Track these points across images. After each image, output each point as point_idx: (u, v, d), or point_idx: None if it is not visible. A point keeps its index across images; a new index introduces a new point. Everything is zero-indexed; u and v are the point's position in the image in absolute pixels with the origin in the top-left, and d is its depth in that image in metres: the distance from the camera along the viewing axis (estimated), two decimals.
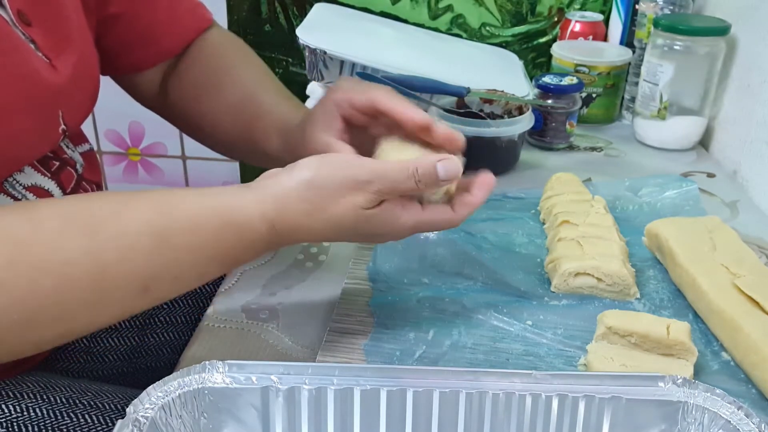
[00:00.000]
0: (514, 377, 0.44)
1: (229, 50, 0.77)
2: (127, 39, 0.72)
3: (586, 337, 0.60)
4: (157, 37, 0.74)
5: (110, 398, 0.65)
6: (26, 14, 0.55)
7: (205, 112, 0.75)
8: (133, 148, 1.54)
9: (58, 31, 0.59)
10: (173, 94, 0.77)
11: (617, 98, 1.11)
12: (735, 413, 0.42)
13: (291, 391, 0.44)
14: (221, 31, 0.80)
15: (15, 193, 0.58)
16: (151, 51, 0.74)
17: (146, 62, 0.75)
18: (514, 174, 0.94)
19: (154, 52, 0.75)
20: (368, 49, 1.03)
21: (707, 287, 0.62)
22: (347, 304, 0.65)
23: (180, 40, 0.75)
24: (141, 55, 0.74)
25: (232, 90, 0.73)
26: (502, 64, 1.17)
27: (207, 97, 0.74)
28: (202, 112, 0.75)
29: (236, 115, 0.73)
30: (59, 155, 0.63)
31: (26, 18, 0.55)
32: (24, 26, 0.55)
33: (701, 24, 0.98)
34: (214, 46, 0.77)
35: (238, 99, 0.73)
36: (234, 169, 1.50)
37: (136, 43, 0.73)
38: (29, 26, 0.56)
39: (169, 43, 0.75)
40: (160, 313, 0.79)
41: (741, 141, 0.95)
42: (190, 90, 0.75)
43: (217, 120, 0.74)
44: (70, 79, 0.58)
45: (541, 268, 0.71)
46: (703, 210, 0.82)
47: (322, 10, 1.16)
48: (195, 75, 0.75)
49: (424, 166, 0.53)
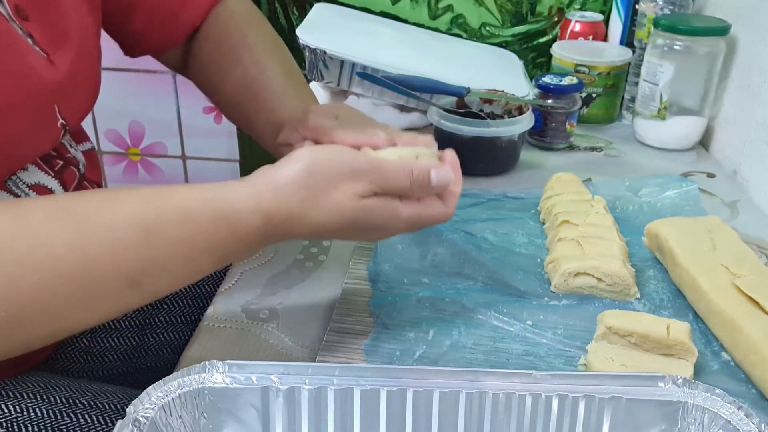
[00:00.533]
0: (514, 377, 0.44)
1: (245, 23, 0.77)
2: (147, 22, 0.72)
3: (586, 337, 0.60)
4: (176, 15, 0.73)
5: (110, 398, 0.65)
6: (24, 9, 0.55)
7: (215, 93, 0.77)
8: (133, 148, 1.54)
9: (56, 26, 0.58)
10: (192, 68, 0.78)
11: (617, 98, 1.11)
12: (735, 413, 0.42)
13: (291, 391, 0.44)
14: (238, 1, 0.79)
15: (18, 191, 0.58)
16: (171, 30, 0.74)
17: (168, 42, 0.76)
18: (514, 174, 0.94)
19: (174, 30, 0.75)
20: (368, 49, 1.03)
21: (707, 287, 0.62)
22: (347, 304, 0.65)
23: (198, 13, 0.75)
24: (163, 36, 0.75)
25: (235, 77, 0.73)
26: (502, 64, 1.17)
27: (215, 82, 0.76)
28: (214, 93, 0.77)
29: (238, 104, 0.74)
30: (63, 154, 0.63)
31: (24, 13, 0.55)
32: (21, 21, 0.54)
33: (701, 24, 0.98)
34: (232, 16, 0.76)
35: (239, 88, 0.73)
36: (234, 168, 1.50)
37: (156, 24, 0.73)
38: (27, 21, 0.55)
39: (188, 17, 0.74)
40: (160, 313, 0.79)
41: (741, 141, 0.95)
42: (203, 68, 0.77)
43: (225, 104, 0.77)
44: (68, 75, 0.58)
45: (541, 268, 0.71)
46: (703, 210, 0.82)
47: (322, 10, 1.16)
48: (213, 48, 0.76)
49: (419, 168, 0.54)
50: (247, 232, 0.50)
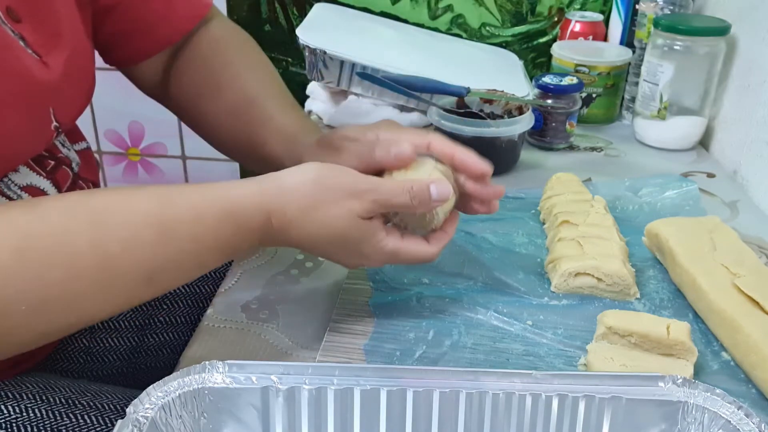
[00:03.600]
0: (514, 377, 0.44)
1: (230, 47, 0.76)
2: (122, 30, 0.71)
3: (586, 337, 0.60)
4: (153, 27, 0.72)
5: (110, 398, 0.65)
6: (15, 10, 0.54)
7: (204, 112, 0.75)
8: (133, 149, 1.54)
9: (49, 26, 0.58)
10: (174, 88, 0.76)
11: (617, 98, 1.11)
12: (735, 413, 0.42)
13: (291, 391, 0.44)
14: (224, 24, 0.78)
15: (10, 193, 0.58)
16: (146, 41, 0.73)
17: (142, 53, 0.74)
18: (514, 174, 0.94)
19: (149, 43, 0.73)
20: (368, 49, 1.03)
21: (707, 287, 0.62)
22: (347, 304, 0.65)
23: (176, 29, 0.73)
24: (137, 46, 0.73)
25: (232, 93, 0.72)
26: (502, 64, 1.17)
27: (206, 98, 0.74)
28: (201, 112, 0.75)
29: (236, 118, 0.72)
30: (54, 154, 0.63)
31: (15, 14, 0.54)
32: (13, 23, 0.54)
33: (701, 24, 0.98)
34: (215, 42, 0.75)
35: (237, 103, 0.71)
36: (234, 169, 1.50)
37: (131, 33, 0.71)
38: (18, 23, 0.55)
39: (165, 32, 0.73)
40: (160, 314, 0.79)
41: (741, 141, 0.95)
42: (190, 88, 0.75)
43: (217, 121, 0.74)
44: (62, 76, 0.57)
45: (541, 268, 0.71)
46: (703, 210, 0.82)
47: (322, 10, 1.16)
48: (194, 72, 0.74)
49: (418, 184, 0.56)
50: (250, 229, 0.53)
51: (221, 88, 0.73)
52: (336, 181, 0.54)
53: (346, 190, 0.54)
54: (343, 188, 0.54)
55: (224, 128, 0.73)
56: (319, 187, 0.53)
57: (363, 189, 0.54)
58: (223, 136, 0.75)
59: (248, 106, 0.71)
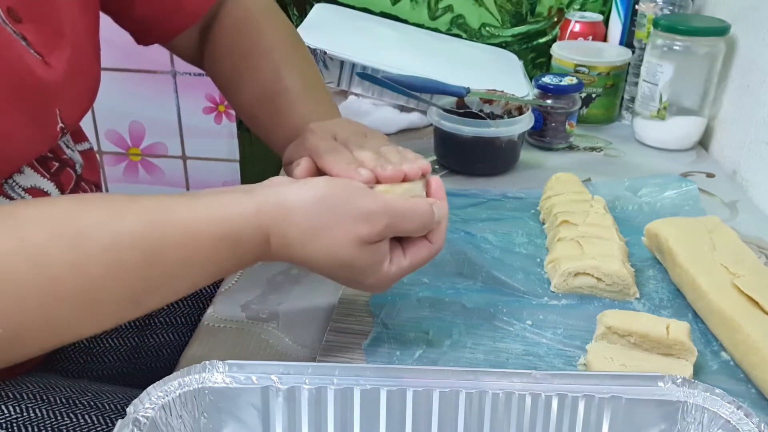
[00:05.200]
0: (514, 377, 0.44)
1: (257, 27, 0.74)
2: (151, 10, 0.71)
3: (586, 336, 0.60)
4: (180, 3, 0.72)
5: (110, 398, 0.65)
6: (16, 11, 0.54)
7: (232, 100, 0.76)
8: (134, 148, 1.54)
9: (50, 26, 0.57)
10: (208, 67, 0.77)
11: (617, 98, 1.11)
12: (735, 413, 0.42)
13: (291, 390, 0.44)
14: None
15: (14, 195, 0.57)
16: (175, 19, 0.73)
17: (174, 31, 0.74)
18: (514, 174, 0.94)
19: (179, 19, 0.73)
20: (368, 49, 1.03)
21: (707, 287, 0.62)
22: (347, 304, 0.65)
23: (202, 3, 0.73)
24: (167, 27, 0.73)
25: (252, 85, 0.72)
26: (502, 64, 1.17)
27: (232, 88, 0.74)
28: (231, 99, 0.76)
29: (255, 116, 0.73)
30: (59, 156, 0.63)
31: (16, 15, 0.54)
32: (14, 23, 0.53)
33: (701, 24, 0.98)
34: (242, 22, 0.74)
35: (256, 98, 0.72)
36: (234, 168, 1.50)
37: (160, 13, 0.72)
38: (20, 23, 0.54)
39: (192, 7, 0.73)
40: (160, 314, 0.79)
41: (741, 141, 0.95)
42: (218, 68, 0.75)
43: (242, 112, 0.75)
44: (64, 75, 0.57)
45: (541, 268, 0.71)
46: (702, 210, 0.82)
47: (322, 10, 1.16)
48: (221, 53, 0.74)
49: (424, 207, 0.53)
50: (246, 251, 0.50)
51: (246, 73, 0.72)
52: (346, 204, 0.50)
53: (356, 215, 0.50)
54: (352, 213, 0.50)
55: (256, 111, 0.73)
56: (324, 210, 0.49)
57: (374, 210, 0.50)
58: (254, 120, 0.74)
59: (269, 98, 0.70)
